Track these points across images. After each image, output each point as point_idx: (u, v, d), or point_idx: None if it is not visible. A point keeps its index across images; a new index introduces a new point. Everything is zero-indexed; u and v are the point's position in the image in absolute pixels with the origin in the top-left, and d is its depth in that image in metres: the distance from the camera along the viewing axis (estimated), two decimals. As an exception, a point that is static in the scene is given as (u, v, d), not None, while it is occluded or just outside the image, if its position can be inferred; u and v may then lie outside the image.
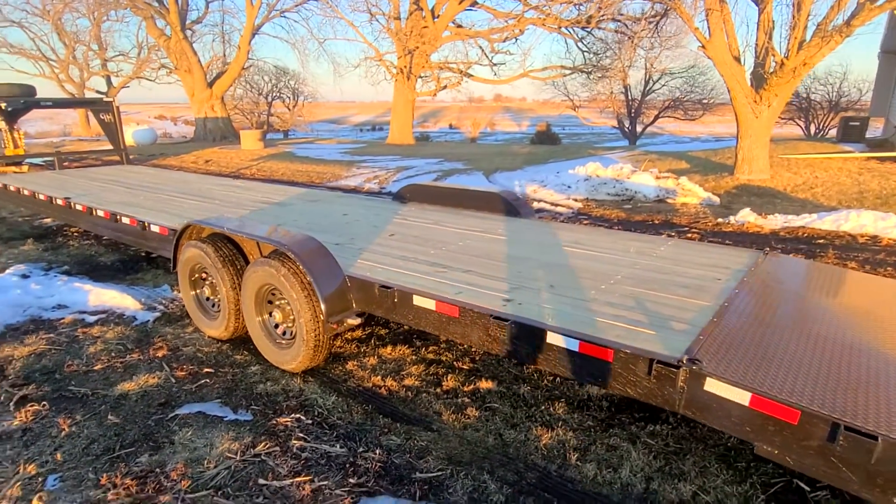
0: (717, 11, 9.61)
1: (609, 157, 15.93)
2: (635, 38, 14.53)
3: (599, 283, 3.15)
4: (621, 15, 17.57)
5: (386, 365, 3.67)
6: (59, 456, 2.69)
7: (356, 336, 4.12)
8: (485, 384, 3.39)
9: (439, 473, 2.57)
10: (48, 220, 8.38)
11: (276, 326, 3.64)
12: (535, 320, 2.59)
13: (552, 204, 9.16)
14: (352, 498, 2.40)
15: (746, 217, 7.45)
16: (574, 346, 2.43)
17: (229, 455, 2.69)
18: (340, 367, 3.64)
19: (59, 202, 6.10)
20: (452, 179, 12.24)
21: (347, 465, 2.62)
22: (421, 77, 23.83)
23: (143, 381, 3.44)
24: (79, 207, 5.76)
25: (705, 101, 33.74)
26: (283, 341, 3.56)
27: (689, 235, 7.00)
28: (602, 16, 17.40)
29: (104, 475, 2.52)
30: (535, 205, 9.26)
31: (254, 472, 2.57)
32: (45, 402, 3.18)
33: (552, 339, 2.51)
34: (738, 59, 10.08)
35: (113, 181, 7.62)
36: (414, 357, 3.78)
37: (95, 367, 3.64)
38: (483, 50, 23.58)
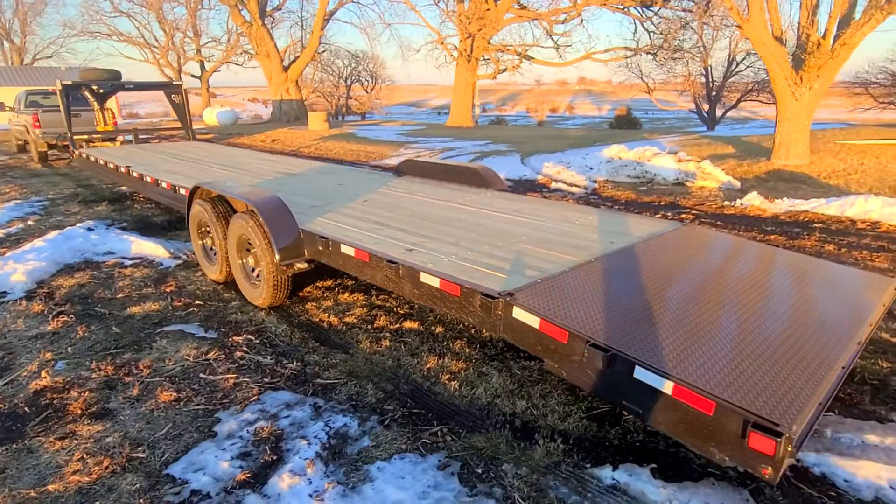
0: (757, -11, 9.32)
1: (659, 142, 15.64)
2: (690, 19, 14.05)
3: (501, 242, 3.65)
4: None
5: (338, 306, 4.36)
6: (69, 350, 3.62)
7: (326, 285, 4.84)
8: (409, 324, 3.99)
9: (336, 381, 3.23)
10: (124, 188, 9.82)
11: (253, 270, 4.43)
12: (414, 263, 3.16)
13: (569, 184, 9.43)
14: (259, 389, 3.12)
15: (752, 201, 7.39)
16: (436, 283, 2.99)
17: (186, 358, 3.50)
18: (300, 306, 4.38)
19: (122, 170, 7.29)
20: (488, 160, 12.68)
21: (269, 370, 3.35)
22: (484, 60, 24.16)
23: (148, 307, 4.36)
24: (135, 174, 6.90)
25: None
26: (256, 282, 4.35)
27: (683, 216, 7.11)
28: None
29: (94, 363, 3.41)
30: (553, 185, 9.57)
31: (199, 370, 3.36)
32: (73, 316, 4.16)
33: (424, 278, 3.07)
34: (779, 39, 9.71)
35: (172, 154, 8.84)
36: (364, 302, 4.45)
37: (118, 296, 4.62)
38: (547, 30, 23.49)
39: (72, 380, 3.22)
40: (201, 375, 3.29)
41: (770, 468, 1.84)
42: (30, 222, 7.32)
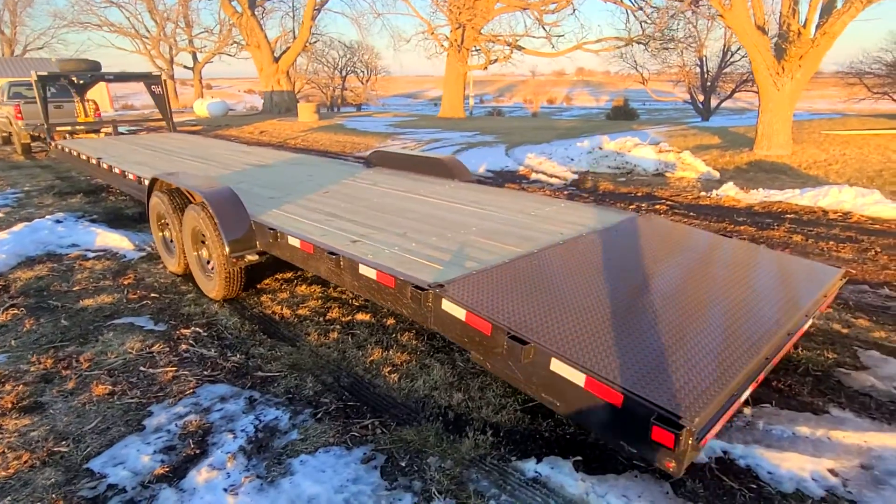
0: (739, -23, 9.22)
1: (646, 132, 15.57)
2: (679, 9, 13.93)
3: (450, 233, 3.60)
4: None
5: (293, 298, 4.33)
6: (13, 343, 3.59)
7: (285, 277, 4.80)
8: (362, 316, 3.96)
9: (276, 374, 3.20)
10: (100, 180, 9.74)
11: (208, 262, 4.39)
12: (354, 255, 3.12)
13: (549, 175, 9.37)
14: (197, 382, 3.09)
15: (727, 191, 7.35)
16: (373, 274, 2.95)
17: (129, 351, 3.47)
18: (255, 299, 4.35)
19: (93, 161, 7.22)
20: (473, 151, 12.61)
21: (211, 363, 3.32)
22: (474, 50, 23.97)
23: (101, 300, 4.33)
24: (104, 165, 6.83)
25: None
26: (210, 274, 4.31)
27: (657, 207, 7.07)
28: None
29: (35, 356, 3.38)
30: (533, 175, 9.52)
31: (140, 363, 3.33)
32: (24, 309, 4.13)
33: (363, 270, 3.03)
34: (762, 29, 9.62)
35: (148, 146, 8.76)
36: (320, 294, 4.41)
37: (74, 289, 4.58)
38: (537, 20, 23.28)
39: (9, 373, 3.19)
40: (141, 368, 3.26)
41: (673, 461, 1.82)
42: (0, 214, 7.27)
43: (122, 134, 12.27)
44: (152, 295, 4.44)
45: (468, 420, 2.74)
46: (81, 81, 11.47)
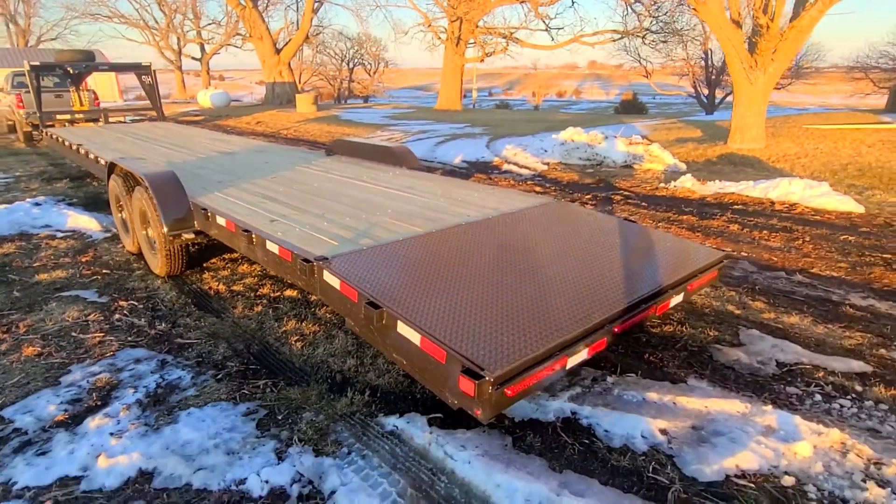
0: (712, -29, 9.29)
1: (633, 126, 15.65)
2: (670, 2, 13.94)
3: (365, 214, 3.85)
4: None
5: (232, 276, 4.61)
6: (-36, 310, 3.91)
7: (233, 256, 5.08)
8: (290, 293, 4.23)
9: (194, 341, 3.48)
10: (83, 167, 10.10)
11: (154, 241, 4.68)
12: (262, 231, 3.38)
13: (520, 166, 9.56)
14: (119, 346, 3.38)
15: (684, 183, 7.51)
16: (276, 249, 3.21)
17: (67, 319, 3.77)
18: (197, 276, 4.63)
19: (74, 147, 7.55)
20: (455, 142, 12.82)
21: (136, 330, 3.61)
22: (477, 43, 24.08)
23: (56, 275, 4.64)
24: (81, 151, 7.16)
25: (799, 68, 30.82)
26: (155, 252, 4.60)
27: (613, 196, 7.25)
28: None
29: (-19, 321, 3.70)
30: (505, 166, 9.71)
31: (74, 329, 3.62)
32: (-18, 281, 4.46)
33: (269, 245, 3.29)
34: (737, 23, 9.70)
35: (133, 134, 9.09)
36: (258, 272, 4.69)
37: (34, 265, 4.90)
38: (538, 14, 23.30)
39: (-47, 336, 3.51)
40: (73, 334, 3.56)
41: (480, 409, 2.06)
42: (-15, 198, 7.64)
43: (123, 123, 12.61)
44: (104, 271, 4.75)
45: (352, 382, 3.00)
46: (76, 71, 11.84)
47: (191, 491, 2.21)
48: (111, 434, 2.53)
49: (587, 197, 7.31)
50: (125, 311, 3.91)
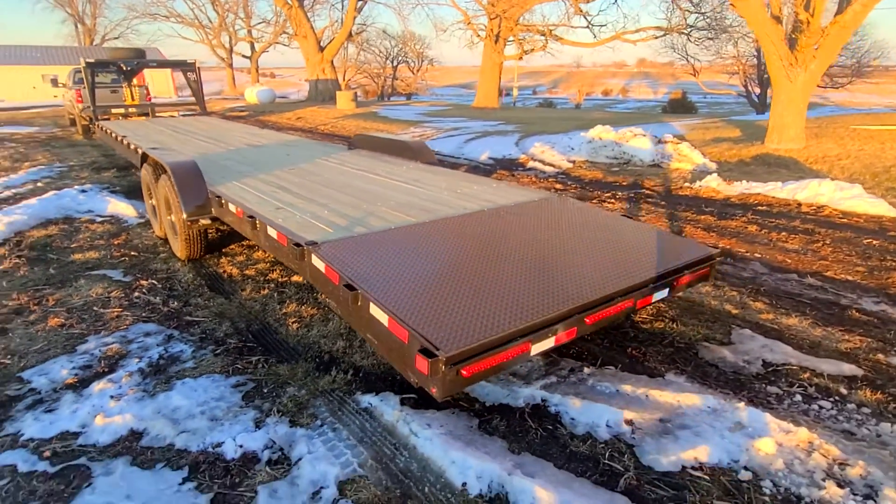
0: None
1: (671, 125, 15.30)
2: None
3: (366, 205, 4.00)
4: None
5: (247, 262, 4.86)
6: (4, 284, 4.29)
7: (251, 243, 5.34)
8: (297, 278, 4.43)
9: (201, 319, 3.72)
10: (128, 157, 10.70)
11: (176, 226, 4.98)
12: (266, 218, 3.57)
13: (545, 164, 9.54)
14: (133, 321, 3.65)
15: (709, 183, 7.33)
16: (274, 234, 3.40)
17: (91, 295, 4.09)
18: (215, 260, 4.91)
19: (119, 139, 8.06)
20: (486, 139, 12.87)
21: (150, 307, 3.88)
22: (515, 41, 23.99)
23: (89, 255, 5.01)
24: (125, 143, 7.63)
25: (860, 66, 29.23)
26: (176, 236, 4.90)
27: (634, 194, 7.16)
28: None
29: (18, 294, 4.05)
30: (531, 164, 9.71)
31: (97, 304, 3.93)
32: (25, 259, 4.86)
33: (269, 231, 3.49)
34: (777, 18, 9.36)
35: (173, 127, 9.59)
36: (271, 260, 4.92)
37: (72, 245, 5.30)
38: (579, 11, 23.00)
39: (-9, 306, 3.87)
40: (95, 308, 3.86)
41: (436, 387, 2.16)
42: (39, 184, 8.24)
43: (174, 117, 13.27)
44: (132, 253, 5.09)
45: (339, 362, 3.15)
46: (128, 68, 12.54)
47: (172, 450, 2.41)
48: (111, 397, 2.76)
49: (607, 195, 7.25)
50: (144, 290, 4.20)
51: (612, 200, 6.97)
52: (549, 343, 2.49)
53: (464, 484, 2.20)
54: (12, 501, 2.09)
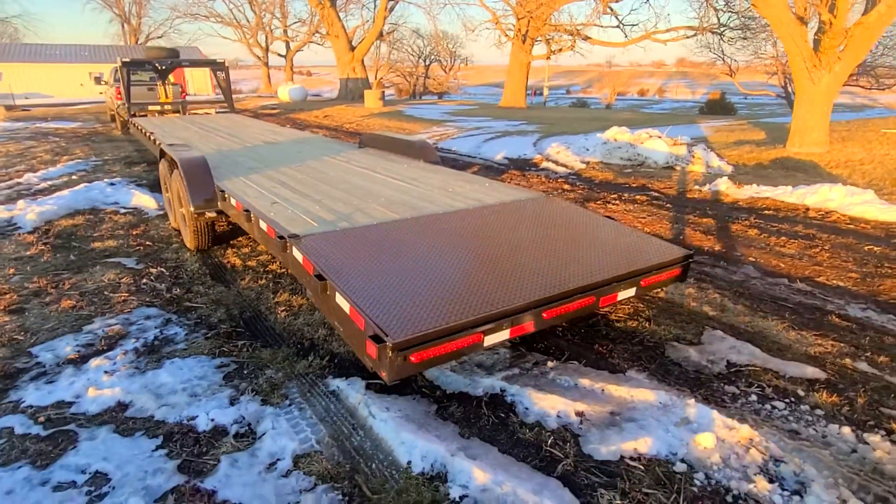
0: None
1: (697, 126, 15.07)
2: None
3: (357, 200, 4.19)
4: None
5: (250, 254, 5.12)
6: (29, 268, 4.65)
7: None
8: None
9: (199, 305, 3.98)
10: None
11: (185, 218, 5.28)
12: (259, 211, 3.80)
13: (558, 164, 9.58)
14: (137, 305, 3.94)
15: (718, 186, 7.26)
16: (265, 227, 3.62)
17: (104, 280, 4.40)
18: (222, 251, 5.19)
19: (147, 135, 8.49)
20: (505, 139, 12.95)
21: (156, 294, 4.16)
22: (543, 41, 23.91)
23: (108, 244, 5.36)
24: (152, 138, 8.05)
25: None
26: (186, 227, 5.20)
27: (638, 197, 7.16)
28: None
29: (38, 278, 4.40)
30: (544, 164, 9.76)
31: (107, 289, 4.24)
32: (50, 246, 5.24)
33: (261, 224, 3.71)
34: (801, 19, 9.16)
35: (198, 124, 10.02)
36: (275, 251, 5.16)
37: (94, 234, 5.67)
38: (610, 11, 22.77)
39: (13, 287, 4.21)
40: (105, 293, 4.17)
41: (385, 371, 2.33)
42: (74, 177, 8.75)
43: (209, 114, 13.83)
44: (147, 243, 5.42)
45: (317, 349, 3.35)
46: (162, 67, 13.12)
47: (151, 421, 2.64)
48: (105, 372, 3.02)
49: (612, 196, 7.27)
50: (152, 277, 4.50)
51: (617, 202, 6.99)
52: (503, 335, 2.62)
53: (408, 462, 2.36)
54: (5, 458, 2.35)
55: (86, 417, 2.66)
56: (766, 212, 6.36)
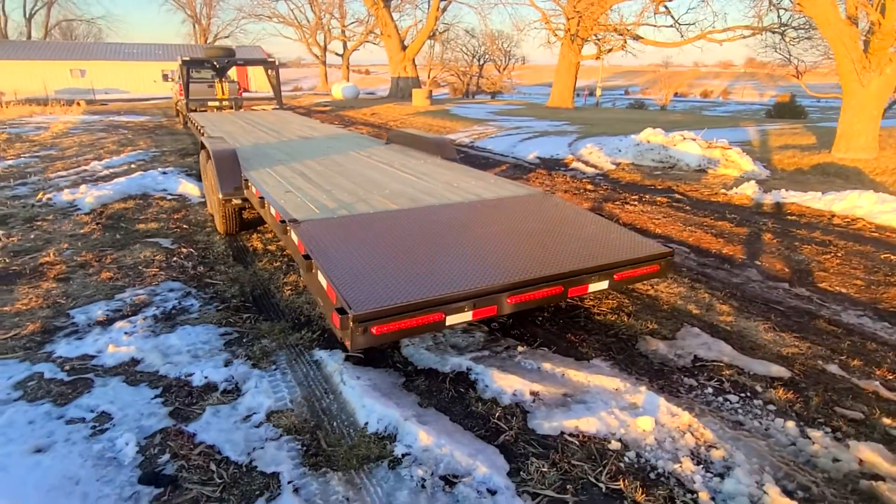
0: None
1: (744, 130, 14.60)
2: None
3: (363, 192, 4.51)
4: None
5: (273, 238, 5.54)
6: (80, 244, 5.24)
7: (282, 224, 6.03)
8: (308, 255, 5.03)
9: (217, 282, 4.41)
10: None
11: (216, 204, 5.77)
12: (271, 198, 4.18)
13: (587, 165, 9.60)
14: (164, 278, 4.41)
15: (744, 190, 7.13)
16: (273, 212, 3.99)
17: (140, 257, 4.92)
18: (248, 236, 5.64)
19: (198, 129, 9.18)
20: (541, 139, 13.01)
21: (183, 270, 4.63)
22: (595, 41, 23.64)
23: (150, 226, 5.93)
24: (202, 132, 8.70)
25: None
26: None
27: (659, 199, 7.14)
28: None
29: (87, 253, 4.97)
30: (574, 164, 9.81)
31: (142, 264, 4.74)
32: (101, 226, 5.85)
33: (271, 209, 4.09)
34: (852, 19, 8.79)
35: (247, 120, 10.68)
36: (295, 238, 5.56)
37: (140, 217, 6.28)
38: (666, 9, 22.23)
39: (64, 259, 4.79)
40: (139, 267, 4.67)
41: (348, 340, 2.61)
42: (133, 165, 9.56)
43: (265, 111, 14.65)
44: (184, 226, 5.95)
45: (311, 324, 3.68)
46: (219, 65, 13.99)
47: (155, 375, 3.04)
48: (125, 333, 3.46)
49: (633, 197, 7.28)
50: (182, 256, 4.98)
51: (636, 203, 7.00)
52: (465, 316, 2.85)
53: (365, 423, 2.63)
54: (33, 396, 2.80)
55: (103, 369, 3.09)
56: (789, 217, 6.22)
